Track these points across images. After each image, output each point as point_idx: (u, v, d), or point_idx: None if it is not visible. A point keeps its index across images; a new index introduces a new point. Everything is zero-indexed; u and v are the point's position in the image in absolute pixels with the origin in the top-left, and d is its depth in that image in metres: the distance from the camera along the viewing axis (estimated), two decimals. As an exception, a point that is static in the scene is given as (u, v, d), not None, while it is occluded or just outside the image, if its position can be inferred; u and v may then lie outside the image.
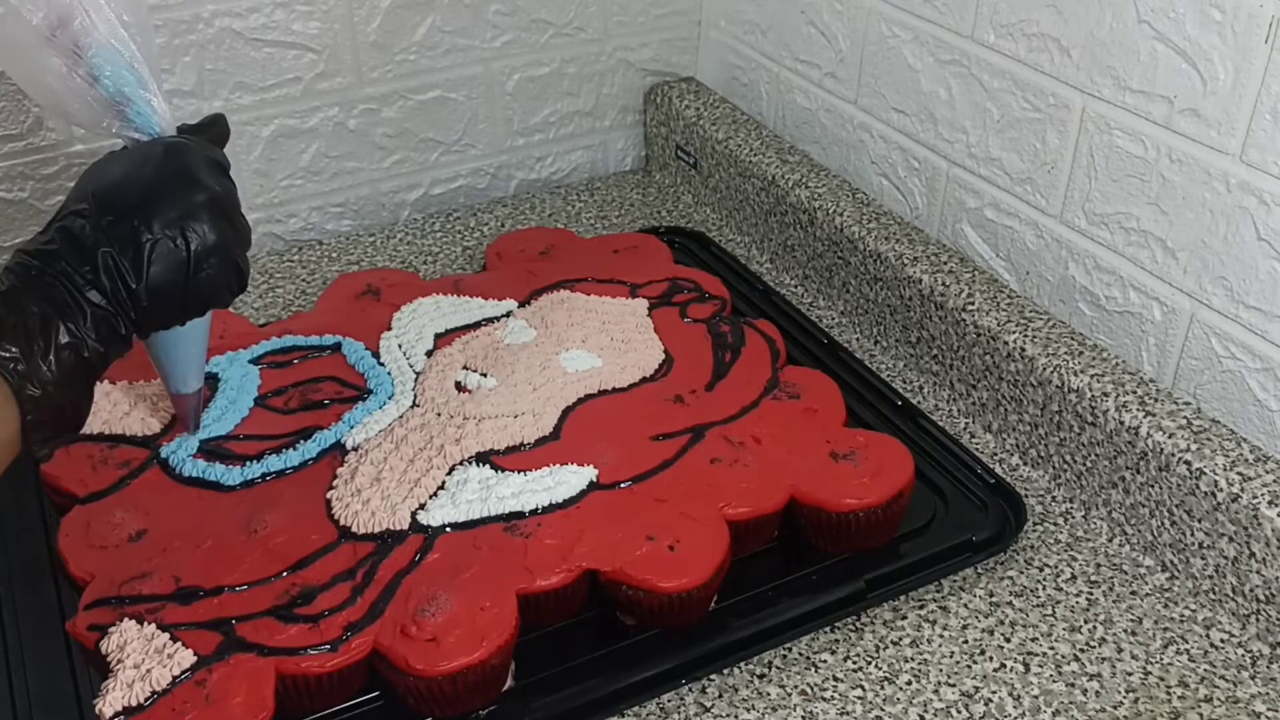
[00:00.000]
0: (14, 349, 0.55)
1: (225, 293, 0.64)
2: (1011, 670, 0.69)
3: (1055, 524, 0.80)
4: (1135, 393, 0.77)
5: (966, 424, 0.89)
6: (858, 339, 0.98)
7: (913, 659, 0.70)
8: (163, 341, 0.70)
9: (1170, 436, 0.74)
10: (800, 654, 0.70)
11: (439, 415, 0.80)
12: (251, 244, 0.66)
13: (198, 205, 0.61)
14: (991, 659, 0.70)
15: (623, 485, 0.74)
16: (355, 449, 0.77)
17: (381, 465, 0.75)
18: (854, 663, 0.70)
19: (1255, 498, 0.69)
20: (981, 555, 0.76)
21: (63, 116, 0.65)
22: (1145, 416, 0.75)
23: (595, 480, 0.74)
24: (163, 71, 0.96)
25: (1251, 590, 0.71)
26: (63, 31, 0.62)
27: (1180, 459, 0.73)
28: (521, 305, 0.91)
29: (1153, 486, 0.75)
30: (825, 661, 0.70)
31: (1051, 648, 0.71)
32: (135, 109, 0.64)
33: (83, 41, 0.62)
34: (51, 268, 0.59)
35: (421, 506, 0.72)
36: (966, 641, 0.71)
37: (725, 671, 0.69)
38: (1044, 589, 0.75)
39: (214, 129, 0.68)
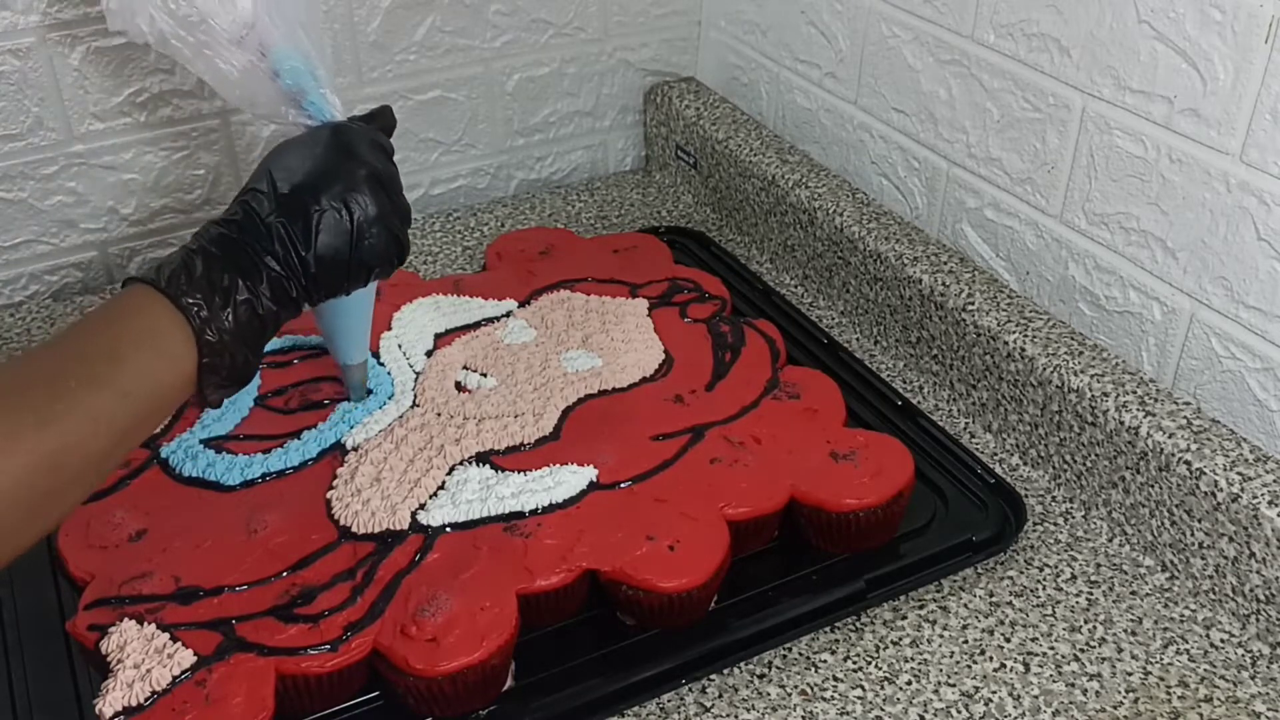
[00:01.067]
0: (199, 297, 0.61)
1: (387, 262, 0.69)
2: (1011, 670, 0.69)
3: (1055, 524, 0.80)
4: (1135, 393, 0.77)
5: (966, 424, 0.89)
6: (858, 339, 0.98)
7: (913, 659, 0.70)
8: (330, 312, 0.76)
9: (1170, 436, 0.74)
10: (800, 654, 0.70)
11: (439, 415, 0.80)
12: (411, 222, 0.72)
13: (359, 179, 0.67)
14: (991, 659, 0.70)
15: (623, 485, 0.74)
16: (355, 449, 0.77)
17: (381, 465, 0.75)
18: (854, 663, 0.70)
19: (1255, 498, 0.69)
20: (981, 555, 0.76)
21: (248, 106, 0.74)
22: (1145, 416, 0.75)
23: (595, 480, 0.74)
24: (163, 73, 0.97)
25: (1251, 590, 0.71)
26: (249, 34, 0.71)
27: (1180, 459, 0.73)
28: (521, 305, 0.91)
29: (1153, 486, 0.75)
30: (825, 661, 0.70)
31: (1051, 648, 0.71)
32: (309, 100, 0.72)
33: (265, 41, 0.71)
34: (233, 234, 0.65)
35: (421, 506, 0.72)
36: (966, 641, 0.71)
37: (725, 671, 0.69)
38: (1044, 589, 0.75)
39: (381, 118, 0.75)
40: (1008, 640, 0.71)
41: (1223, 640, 0.72)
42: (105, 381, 0.57)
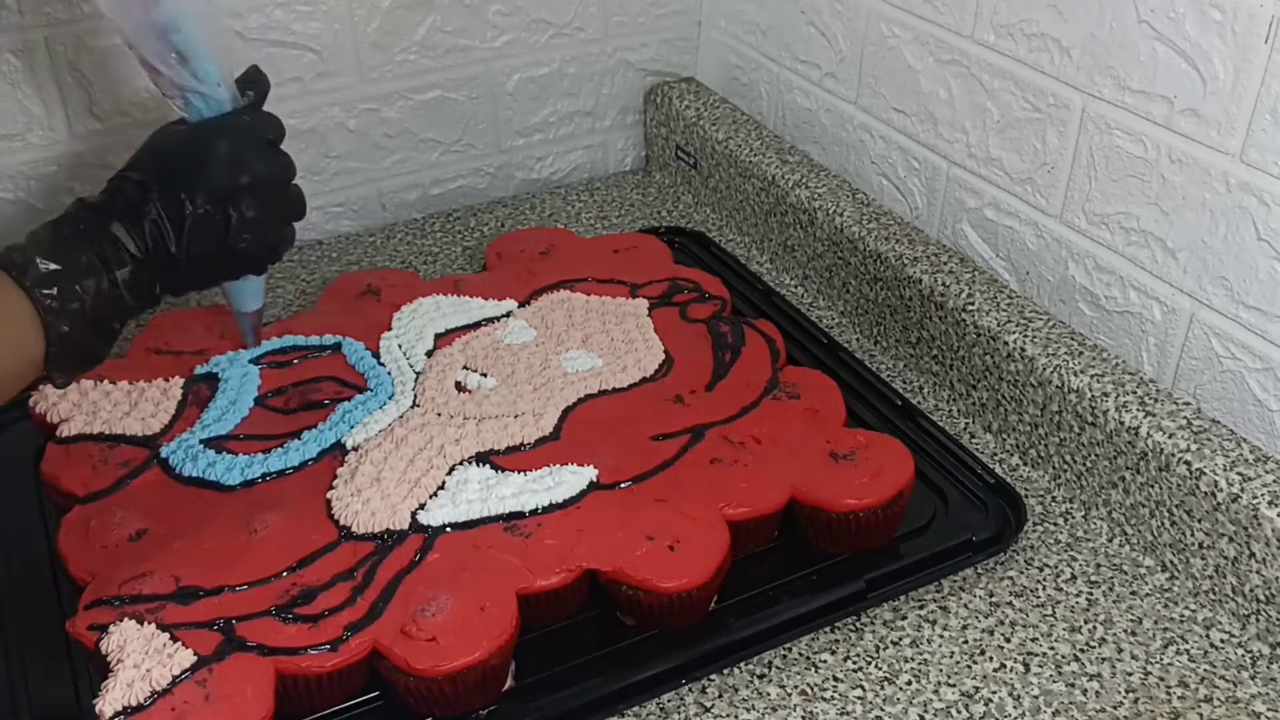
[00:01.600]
0: (53, 290, 0.61)
1: (258, 264, 0.71)
2: (1011, 670, 0.69)
3: (1055, 524, 0.80)
4: (1135, 393, 0.77)
5: (966, 424, 0.89)
6: (858, 339, 0.98)
7: (913, 659, 0.70)
8: None
9: (1170, 436, 0.74)
10: (800, 654, 0.70)
11: (439, 415, 0.80)
12: (304, 213, 0.73)
13: (239, 186, 0.67)
14: (991, 659, 0.70)
15: (623, 485, 0.74)
16: (355, 449, 0.77)
17: (381, 465, 0.75)
18: (854, 663, 0.70)
19: (1255, 498, 0.69)
20: (981, 555, 0.76)
21: (148, 73, 0.71)
22: (1145, 416, 0.75)
23: (595, 480, 0.74)
24: (163, 71, 0.97)
25: (1251, 590, 0.71)
26: (158, 9, 0.67)
27: (1180, 459, 0.73)
28: (521, 305, 0.91)
29: (1153, 486, 0.75)
30: (825, 661, 0.70)
31: (1051, 648, 0.71)
32: (201, 94, 0.70)
33: (176, 21, 0.68)
34: (105, 223, 0.65)
35: (421, 506, 0.72)
36: (966, 641, 0.71)
37: (725, 671, 0.69)
38: (1044, 589, 0.75)
39: (256, 85, 0.73)
40: (1008, 640, 0.71)
41: (1223, 640, 0.72)
42: None
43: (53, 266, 0.62)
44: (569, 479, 0.74)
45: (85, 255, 0.63)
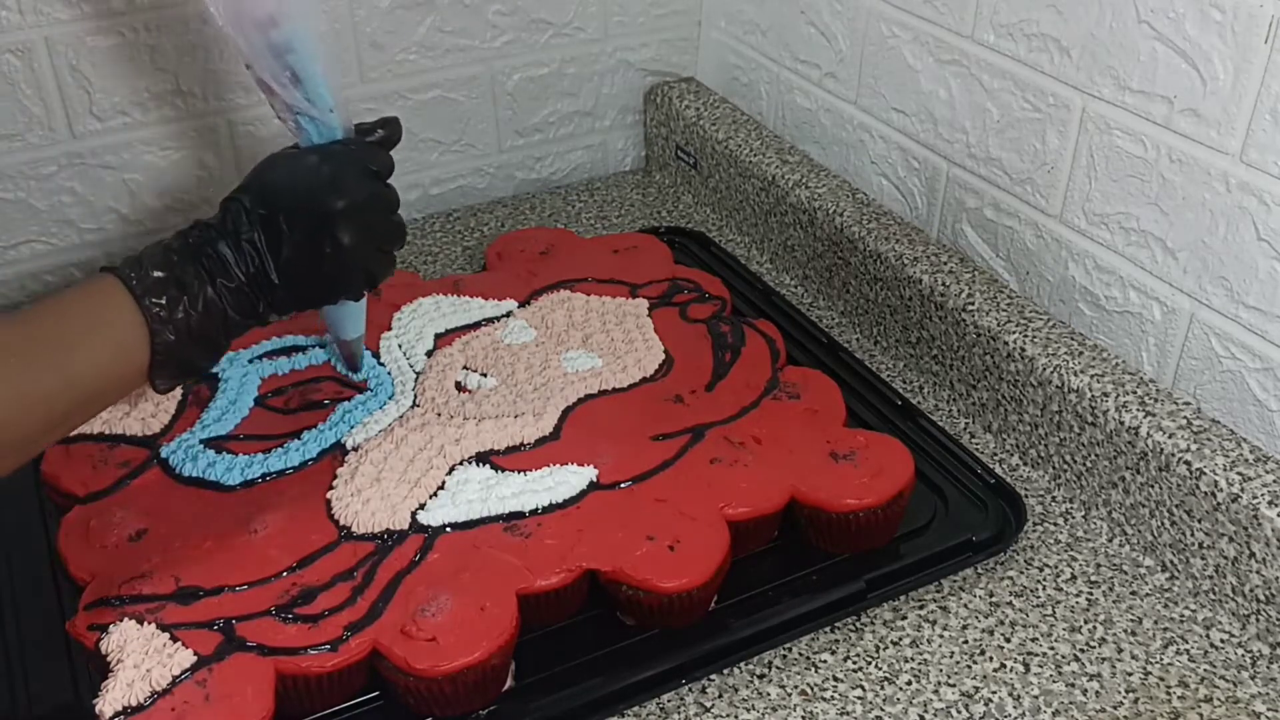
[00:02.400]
0: (161, 300, 0.63)
1: (355, 291, 0.72)
2: (1011, 670, 0.69)
3: (1055, 524, 0.80)
4: (1135, 393, 0.77)
5: (966, 424, 0.89)
6: (858, 339, 0.98)
7: (913, 659, 0.70)
8: None
9: (1170, 436, 0.74)
10: (800, 654, 0.70)
11: (439, 415, 0.80)
12: (404, 242, 0.72)
13: (336, 213, 0.67)
14: (991, 659, 0.70)
15: (623, 485, 0.74)
16: (355, 449, 0.77)
17: (381, 465, 0.75)
18: (854, 663, 0.70)
19: (1255, 498, 0.69)
20: (981, 555, 0.76)
21: (263, 93, 0.72)
22: (1145, 416, 0.75)
23: (595, 480, 0.74)
24: (162, 72, 0.97)
25: (1251, 590, 0.71)
26: (276, 30, 0.68)
27: (1180, 459, 0.73)
28: (521, 305, 0.91)
29: (1153, 486, 0.75)
30: (825, 661, 0.70)
31: (1051, 648, 0.71)
32: (313, 118, 0.70)
33: (292, 42, 0.69)
34: (212, 241, 0.66)
35: (421, 506, 0.72)
36: (966, 641, 0.71)
37: (725, 671, 0.69)
38: (1044, 589, 0.75)
39: (386, 128, 0.74)
40: (1008, 640, 0.71)
41: (1223, 640, 0.72)
42: (48, 365, 0.59)
43: (160, 275, 0.63)
44: (569, 479, 0.74)
45: (193, 269, 0.64)
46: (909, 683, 0.69)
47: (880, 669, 0.69)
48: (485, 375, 0.83)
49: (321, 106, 0.70)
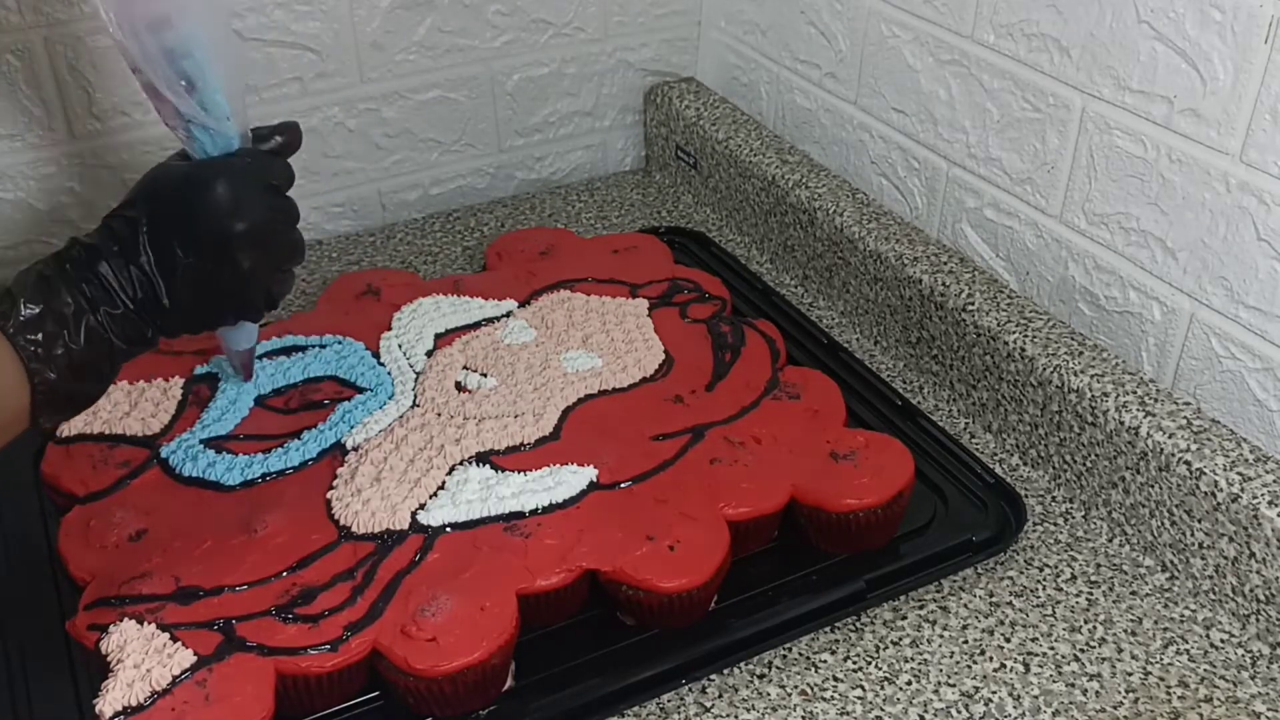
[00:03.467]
0: (38, 336, 0.58)
1: (252, 313, 0.68)
2: (1011, 670, 0.69)
3: (1055, 524, 0.80)
4: (1135, 393, 0.77)
5: (966, 424, 0.89)
6: (858, 339, 0.98)
7: (913, 659, 0.70)
8: None
9: (1170, 436, 0.74)
10: (800, 654, 0.70)
11: (439, 415, 0.80)
12: (303, 257, 0.69)
13: (235, 235, 0.63)
14: (991, 659, 0.70)
15: (623, 485, 0.74)
16: (355, 449, 0.77)
17: (381, 465, 0.75)
18: (854, 663, 0.70)
19: (1255, 498, 0.69)
20: (981, 555, 0.76)
21: (151, 99, 0.66)
22: (1145, 416, 0.75)
23: (595, 480, 0.74)
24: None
25: (1251, 590, 0.71)
26: (170, 32, 0.63)
27: (1180, 459, 0.73)
28: (521, 305, 0.91)
29: (1153, 486, 0.75)
30: (825, 661, 0.70)
31: (1051, 648, 0.71)
32: (207, 127, 0.65)
33: (188, 45, 0.63)
34: (93, 264, 0.61)
35: (421, 506, 0.72)
36: (966, 641, 0.71)
37: (725, 671, 0.69)
38: (1044, 589, 0.75)
39: (285, 134, 0.69)
40: (1008, 640, 0.71)
41: (1223, 640, 0.72)
42: None
43: (35, 310, 0.58)
44: (569, 479, 0.74)
45: (72, 297, 0.59)
46: (909, 683, 0.69)
47: (880, 669, 0.69)
48: (485, 375, 0.83)
49: (218, 115, 0.65)
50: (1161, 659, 0.70)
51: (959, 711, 0.67)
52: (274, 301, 0.68)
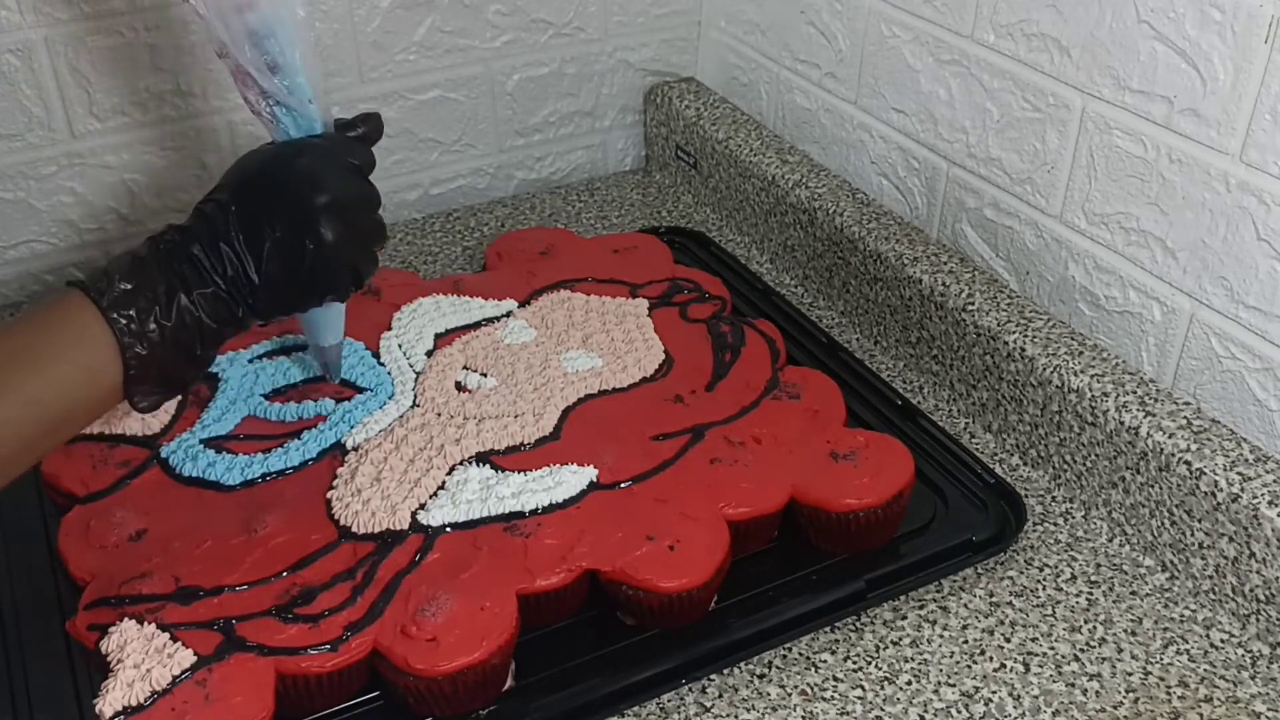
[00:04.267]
0: (130, 312, 0.60)
1: (340, 290, 0.68)
2: (1011, 670, 0.69)
3: (1055, 524, 0.80)
4: (1135, 393, 0.77)
5: (966, 424, 0.89)
6: (858, 339, 0.98)
7: (913, 659, 0.70)
8: None
9: (1170, 436, 0.74)
10: (800, 654, 0.70)
11: (439, 415, 0.80)
12: (385, 241, 0.70)
13: (318, 208, 0.65)
14: (991, 659, 0.70)
15: (623, 485, 0.74)
16: (355, 449, 0.77)
17: (381, 465, 0.75)
18: (854, 663, 0.70)
19: (1255, 498, 0.69)
20: (981, 555, 0.76)
21: (240, 87, 0.69)
22: (1145, 416, 0.75)
23: (595, 480, 0.74)
24: (162, 72, 0.97)
25: (1251, 590, 0.71)
26: (253, 13, 0.66)
27: (1180, 459, 0.73)
28: (521, 305, 0.91)
29: (1153, 486, 0.75)
30: (825, 661, 0.70)
31: (1051, 648, 0.71)
32: (290, 108, 0.68)
33: (271, 26, 0.66)
34: (185, 246, 0.63)
35: (421, 506, 0.72)
36: (966, 641, 0.71)
37: (725, 671, 0.69)
38: (1044, 589, 0.75)
39: (367, 124, 0.71)
40: (1008, 640, 0.71)
41: (1223, 640, 0.72)
42: (14, 389, 0.57)
43: (129, 287, 0.60)
44: (569, 479, 0.74)
45: (164, 277, 0.62)
46: (909, 683, 0.69)
47: (880, 669, 0.69)
48: (485, 375, 0.83)
49: (300, 96, 0.68)
50: (1161, 659, 0.70)
51: (959, 711, 0.67)
52: (361, 280, 0.69)
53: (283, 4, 0.67)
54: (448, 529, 0.71)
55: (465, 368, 0.84)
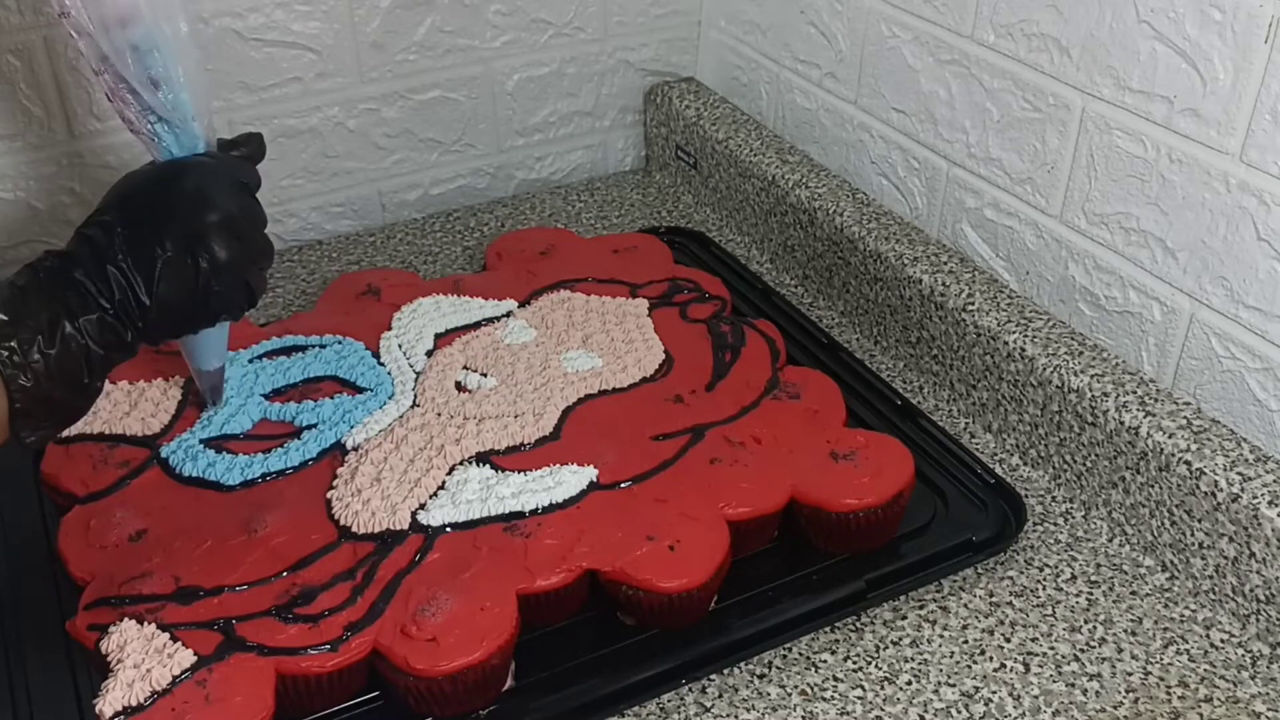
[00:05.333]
0: (12, 344, 0.58)
1: (234, 309, 0.67)
2: (1011, 670, 0.69)
3: (1055, 524, 0.80)
4: (1135, 393, 0.77)
5: (966, 424, 0.89)
6: (858, 339, 0.98)
7: (913, 659, 0.70)
8: None
9: (1170, 436, 0.74)
10: (800, 654, 0.70)
11: (439, 415, 0.80)
12: (273, 260, 0.69)
13: (210, 225, 0.64)
14: (991, 659, 0.70)
15: (623, 485, 0.74)
16: (355, 449, 0.77)
17: (381, 465, 0.75)
18: (854, 663, 0.70)
19: (1255, 498, 0.69)
20: (981, 555, 0.76)
21: (117, 105, 0.68)
22: (1145, 416, 0.75)
23: (595, 480, 0.74)
24: (163, 71, 0.97)
25: (1251, 590, 0.71)
26: (134, 28, 0.64)
27: (1180, 459, 0.73)
28: (521, 305, 0.91)
29: (1153, 486, 0.75)
30: (825, 661, 0.70)
31: (1051, 648, 0.71)
32: (171, 125, 0.67)
33: (145, 43, 0.65)
34: (67, 271, 0.61)
35: (421, 506, 0.72)
36: (966, 641, 0.71)
37: (725, 671, 0.69)
38: (1044, 589, 0.75)
39: (249, 145, 0.70)
40: (1008, 640, 0.71)
41: (1223, 640, 0.72)
42: None
43: (6, 318, 0.58)
44: (569, 479, 0.74)
45: (47, 305, 0.59)
46: (909, 683, 0.69)
47: (880, 669, 0.69)
48: (485, 375, 0.83)
49: (183, 113, 0.67)
50: (1161, 659, 0.70)
51: (959, 711, 0.67)
52: (254, 299, 0.68)
53: (165, 19, 0.65)
54: (448, 529, 0.71)
55: (465, 368, 0.84)
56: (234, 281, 0.65)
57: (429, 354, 0.86)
